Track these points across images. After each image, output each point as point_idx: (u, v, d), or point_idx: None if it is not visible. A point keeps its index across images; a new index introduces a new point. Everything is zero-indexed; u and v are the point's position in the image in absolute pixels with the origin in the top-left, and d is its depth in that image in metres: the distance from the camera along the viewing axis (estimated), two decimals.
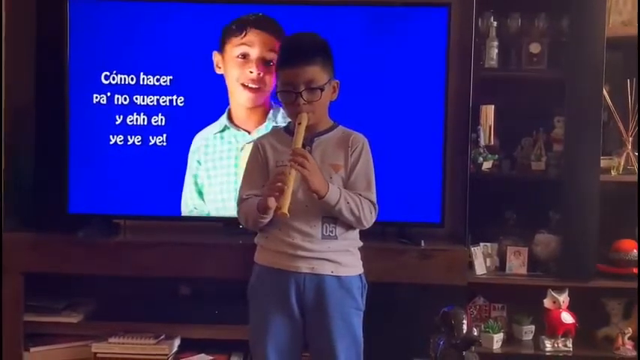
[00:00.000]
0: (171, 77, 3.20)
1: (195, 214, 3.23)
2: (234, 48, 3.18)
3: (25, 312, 3.16)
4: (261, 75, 3.17)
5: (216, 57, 3.18)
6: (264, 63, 3.16)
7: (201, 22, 3.20)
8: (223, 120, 3.21)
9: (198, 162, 3.22)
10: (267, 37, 3.17)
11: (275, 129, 2.88)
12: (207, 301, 3.29)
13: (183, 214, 3.24)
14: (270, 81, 3.15)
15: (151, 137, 3.22)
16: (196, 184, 3.23)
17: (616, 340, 3.32)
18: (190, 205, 3.23)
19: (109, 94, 3.21)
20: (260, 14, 3.19)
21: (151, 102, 3.21)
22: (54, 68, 3.25)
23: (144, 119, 3.22)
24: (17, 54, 3.31)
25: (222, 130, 3.21)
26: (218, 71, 3.19)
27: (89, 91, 3.21)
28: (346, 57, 2.95)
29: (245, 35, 3.17)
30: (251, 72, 3.17)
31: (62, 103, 3.21)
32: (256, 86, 3.17)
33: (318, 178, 2.36)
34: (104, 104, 3.21)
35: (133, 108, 3.22)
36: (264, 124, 3.19)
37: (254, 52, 3.17)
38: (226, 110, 3.21)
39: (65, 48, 3.18)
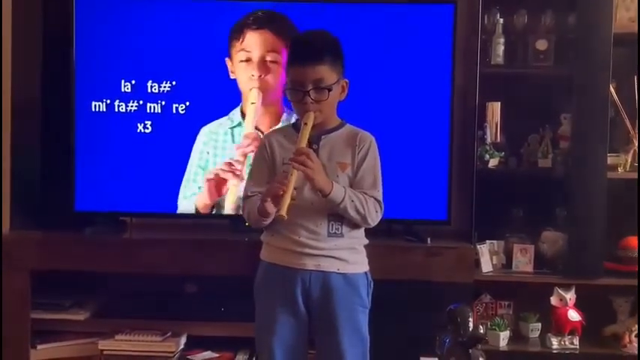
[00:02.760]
0: (176, 77, 3.20)
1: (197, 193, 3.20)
2: (237, 54, 3.17)
3: (31, 309, 3.16)
4: (263, 76, 3.15)
5: (228, 64, 3.17)
6: (264, 64, 3.15)
7: (208, 18, 3.19)
8: (237, 117, 3.19)
9: (208, 153, 3.20)
10: (267, 37, 3.15)
11: (284, 126, 2.87)
12: (213, 298, 3.29)
13: (180, 204, 3.21)
14: (274, 80, 3.14)
15: (157, 135, 3.22)
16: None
17: (623, 337, 3.31)
18: (189, 194, 3.20)
19: (115, 91, 3.21)
20: (260, 12, 3.16)
21: (157, 100, 3.21)
22: (60, 65, 3.26)
23: (150, 117, 3.22)
24: (23, 51, 3.30)
25: (235, 127, 3.20)
26: (232, 77, 3.18)
27: (95, 88, 3.21)
28: (351, 55, 2.92)
29: (243, 40, 3.16)
30: (252, 75, 3.15)
31: (68, 100, 3.21)
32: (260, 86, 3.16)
33: (321, 177, 2.35)
34: (110, 102, 3.21)
35: (139, 106, 3.22)
36: (278, 125, 3.14)
37: (255, 55, 3.15)
38: (239, 107, 3.19)
39: (71, 45, 3.18)
